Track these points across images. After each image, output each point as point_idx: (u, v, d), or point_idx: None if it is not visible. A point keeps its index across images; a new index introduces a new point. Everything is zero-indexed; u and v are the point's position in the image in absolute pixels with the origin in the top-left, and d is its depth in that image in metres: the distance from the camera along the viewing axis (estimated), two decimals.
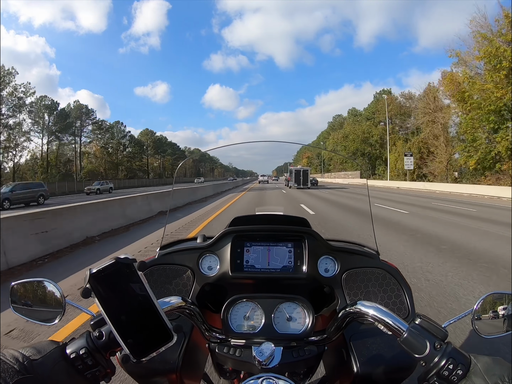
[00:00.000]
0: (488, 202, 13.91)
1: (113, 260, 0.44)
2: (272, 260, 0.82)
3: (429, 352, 0.47)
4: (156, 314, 0.46)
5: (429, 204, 12.70)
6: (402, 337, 0.50)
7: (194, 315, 0.64)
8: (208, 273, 0.83)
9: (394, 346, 0.68)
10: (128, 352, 0.44)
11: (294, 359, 0.62)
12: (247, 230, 0.84)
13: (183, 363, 0.68)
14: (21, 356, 0.44)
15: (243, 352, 0.63)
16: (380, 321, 0.54)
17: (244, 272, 0.81)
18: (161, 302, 0.57)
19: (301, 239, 0.83)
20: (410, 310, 0.78)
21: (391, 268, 0.83)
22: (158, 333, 0.46)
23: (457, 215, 9.07)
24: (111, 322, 0.44)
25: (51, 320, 0.54)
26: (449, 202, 13.90)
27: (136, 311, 0.45)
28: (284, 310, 0.67)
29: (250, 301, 0.68)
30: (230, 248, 0.81)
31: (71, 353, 0.47)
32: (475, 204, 13.04)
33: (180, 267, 0.83)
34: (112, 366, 0.50)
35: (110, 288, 0.44)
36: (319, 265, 0.82)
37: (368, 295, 0.80)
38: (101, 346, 0.47)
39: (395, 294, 0.80)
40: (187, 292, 0.81)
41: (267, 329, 0.65)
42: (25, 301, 0.56)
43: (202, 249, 0.84)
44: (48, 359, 0.45)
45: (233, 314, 0.67)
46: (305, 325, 0.65)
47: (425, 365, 0.47)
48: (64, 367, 0.46)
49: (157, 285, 0.81)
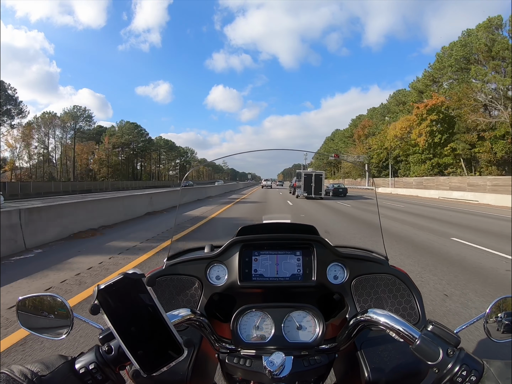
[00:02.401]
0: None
1: (122, 275, 0.44)
2: (281, 268, 0.81)
3: (442, 359, 0.46)
4: (165, 328, 0.46)
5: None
6: (415, 344, 0.49)
7: (203, 326, 0.63)
8: (216, 282, 0.82)
9: (405, 353, 0.67)
10: (139, 367, 0.44)
11: (305, 368, 0.61)
12: (255, 239, 0.83)
13: (193, 374, 0.68)
14: (29, 373, 0.43)
15: (253, 362, 0.62)
16: (392, 329, 0.54)
17: (252, 281, 0.80)
18: (170, 315, 0.57)
19: (310, 247, 0.82)
20: (421, 316, 0.77)
21: (401, 274, 0.83)
22: (168, 347, 0.46)
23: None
24: (120, 337, 0.44)
25: (59, 335, 0.54)
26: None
27: (145, 326, 0.45)
28: (294, 319, 0.66)
29: (260, 311, 0.67)
30: (238, 257, 0.81)
31: (80, 368, 0.46)
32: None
33: (188, 277, 0.83)
34: (122, 380, 0.49)
35: (119, 303, 0.43)
36: (328, 272, 0.81)
37: (378, 301, 0.80)
38: (110, 361, 0.47)
39: (405, 300, 0.79)
40: (195, 302, 0.81)
41: (277, 339, 0.64)
42: (33, 316, 0.56)
43: (210, 259, 0.84)
44: (57, 374, 0.45)
45: (243, 324, 0.66)
46: (315, 333, 0.65)
47: (438, 372, 0.47)
48: (74, 382, 0.46)
49: (165, 295, 0.81)
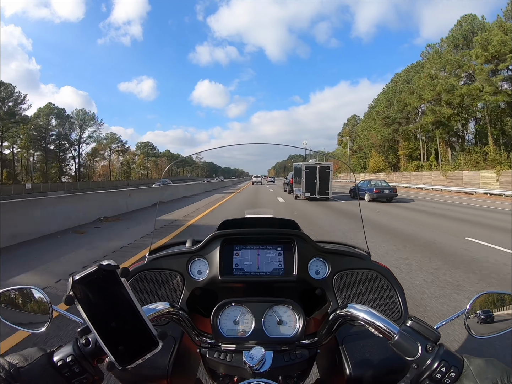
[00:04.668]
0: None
1: (96, 266, 0.43)
2: (262, 263, 0.81)
3: (421, 355, 0.46)
4: (140, 320, 0.45)
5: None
6: (393, 339, 0.49)
7: (182, 320, 0.63)
8: (198, 277, 0.82)
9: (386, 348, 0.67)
10: (113, 359, 0.44)
11: (286, 363, 0.61)
12: (236, 233, 0.83)
13: (174, 368, 0.68)
14: (7, 364, 0.43)
15: (233, 357, 0.62)
16: (371, 324, 0.54)
17: (233, 275, 0.80)
18: (148, 308, 0.57)
19: (291, 242, 0.82)
20: (403, 311, 0.77)
21: (383, 269, 0.83)
22: (143, 339, 0.45)
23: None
24: (96, 329, 0.43)
25: (39, 328, 0.54)
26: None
27: (120, 318, 0.45)
28: (274, 314, 0.66)
29: (240, 305, 0.67)
30: (219, 251, 0.81)
31: (58, 361, 0.46)
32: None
33: (170, 272, 0.83)
34: (100, 373, 0.49)
35: (93, 295, 0.43)
36: (309, 267, 0.82)
37: (360, 296, 0.80)
38: (88, 354, 0.47)
39: (387, 295, 0.80)
40: (177, 297, 0.80)
41: (258, 334, 0.64)
42: (12, 308, 0.56)
43: (191, 253, 0.84)
44: (35, 366, 0.45)
45: (223, 318, 0.66)
46: (296, 328, 0.65)
47: (417, 368, 0.47)
48: (52, 374, 0.46)
49: (146, 290, 0.81)
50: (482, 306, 0.56)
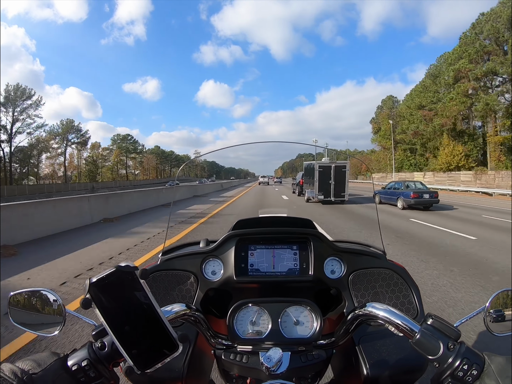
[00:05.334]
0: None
1: (114, 268, 0.42)
2: (277, 263, 0.80)
3: (443, 353, 0.46)
4: (160, 323, 0.44)
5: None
6: (415, 338, 0.48)
7: (198, 321, 0.62)
8: (212, 277, 0.81)
9: (404, 347, 0.66)
10: (132, 364, 0.43)
11: (303, 364, 0.60)
12: (251, 233, 0.82)
13: (189, 370, 0.67)
14: (19, 371, 0.42)
15: (250, 358, 0.62)
16: (391, 323, 0.53)
17: (248, 276, 0.79)
18: (165, 310, 0.56)
19: (306, 241, 0.81)
20: (419, 310, 0.77)
21: (399, 268, 0.82)
22: (162, 343, 0.44)
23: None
24: (113, 333, 0.42)
25: (52, 331, 0.53)
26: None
27: (139, 321, 0.44)
28: (291, 314, 0.65)
29: (256, 306, 0.66)
30: (234, 251, 0.80)
31: (73, 365, 0.45)
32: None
33: (183, 273, 0.82)
34: (116, 377, 0.48)
35: (111, 297, 0.42)
36: (325, 267, 0.81)
37: (376, 296, 0.79)
38: (103, 357, 0.46)
39: (403, 294, 0.79)
40: (191, 297, 0.80)
41: (274, 334, 0.63)
42: (24, 311, 0.55)
43: (205, 254, 0.83)
44: (48, 372, 0.44)
45: (239, 319, 0.65)
46: (313, 328, 0.64)
47: (438, 366, 0.46)
48: (66, 379, 0.44)
49: (160, 291, 0.80)
50: (502, 303, 0.55)
